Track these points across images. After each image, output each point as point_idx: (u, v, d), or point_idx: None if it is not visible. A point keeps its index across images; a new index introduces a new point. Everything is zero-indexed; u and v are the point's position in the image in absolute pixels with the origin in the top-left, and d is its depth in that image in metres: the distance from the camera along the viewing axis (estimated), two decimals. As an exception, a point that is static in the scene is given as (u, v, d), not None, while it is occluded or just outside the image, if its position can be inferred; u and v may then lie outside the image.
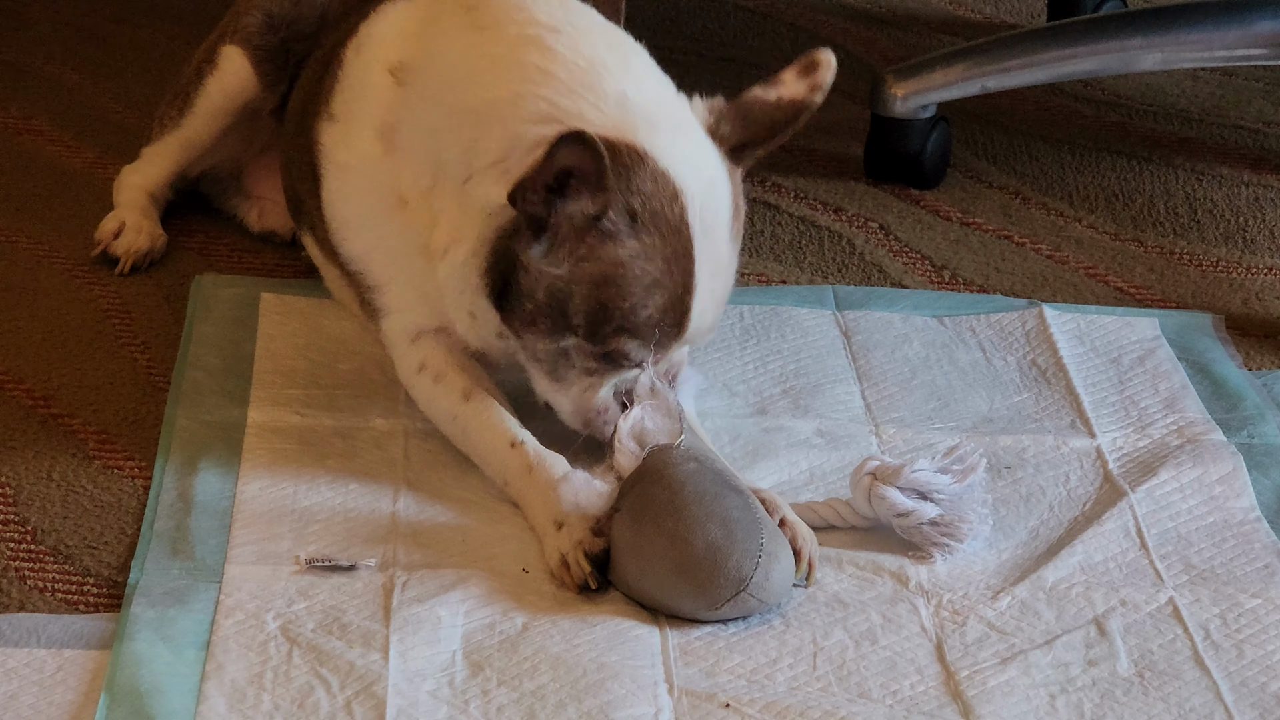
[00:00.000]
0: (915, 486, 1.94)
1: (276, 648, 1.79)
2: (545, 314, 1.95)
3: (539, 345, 1.98)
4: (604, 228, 1.91)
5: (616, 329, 1.94)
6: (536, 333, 1.97)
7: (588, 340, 1.95)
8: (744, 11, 3.31)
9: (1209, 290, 2.52)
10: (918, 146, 2.73)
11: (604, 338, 1.94)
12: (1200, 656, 1.84)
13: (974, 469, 1.97)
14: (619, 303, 1.92)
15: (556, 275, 1.93)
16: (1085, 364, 2.30)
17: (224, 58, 2.42)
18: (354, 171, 2.09)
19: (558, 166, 1.88)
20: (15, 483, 2.02)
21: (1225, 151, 2.88)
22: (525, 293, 1.95)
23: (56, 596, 1.87)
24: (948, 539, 1.94)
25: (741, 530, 1.83)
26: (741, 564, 1.82)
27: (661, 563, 1.84)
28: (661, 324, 1.95)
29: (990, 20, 3.34)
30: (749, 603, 1.83)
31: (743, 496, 1.87)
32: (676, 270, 1.94)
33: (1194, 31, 2.70)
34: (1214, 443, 2.15)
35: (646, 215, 1.93)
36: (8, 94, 2.86)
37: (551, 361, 1.98)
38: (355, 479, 2.03)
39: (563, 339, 1.96)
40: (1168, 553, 1.98)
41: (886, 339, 2.33)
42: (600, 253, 1.92)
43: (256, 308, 2.31)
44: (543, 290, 1.94)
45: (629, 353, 1.96)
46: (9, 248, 2.46)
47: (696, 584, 1.82)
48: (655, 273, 1.93)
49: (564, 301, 1.93)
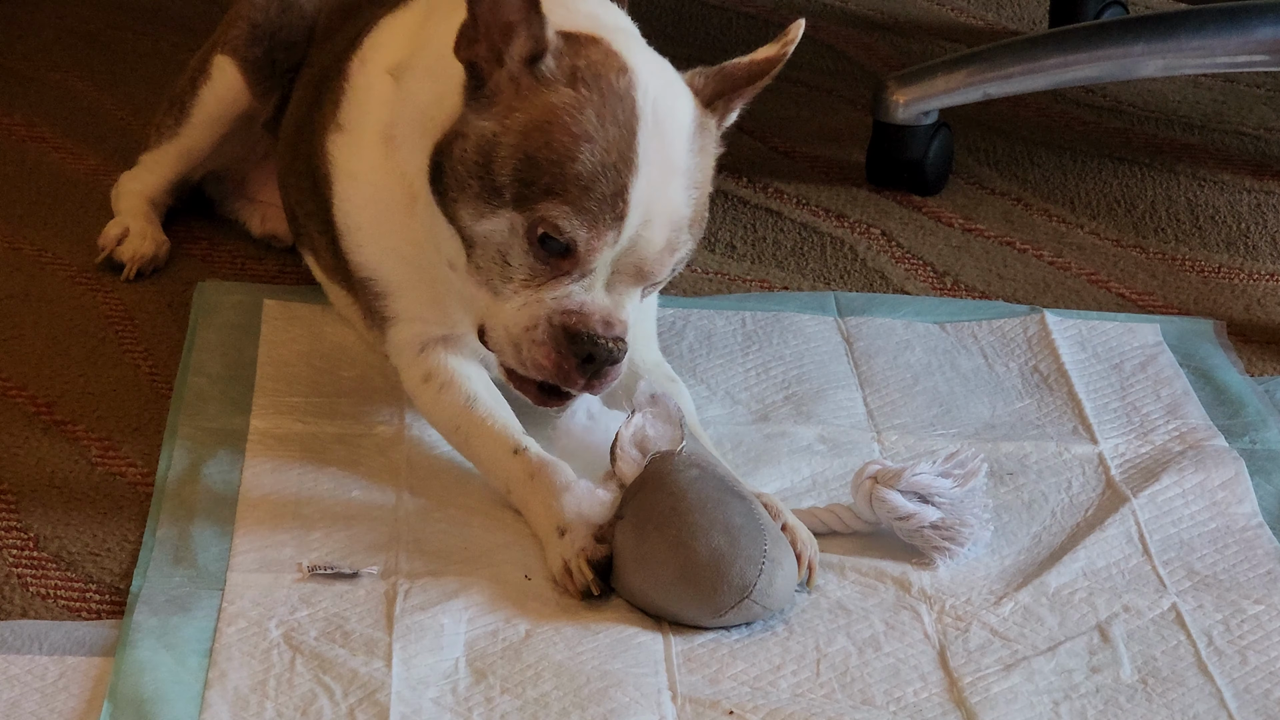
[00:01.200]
0: (916, 490, 1.94)
1: (279, 655, 1.79)
2: (475, 175, 1.89)
3: (474, 227, 1.90)
4: (539, 73, 1.88)
5: (545, 189, 1.86)
6: (468, 205, 1.90)
7: (515, 208, 1.87)
8: (745, 18, 3.31)
9: (1211, 296, 2.52)
10: (920, 153, 2.73)
11: (531, 201, 1.86)
12: (1203, 662, 1.84)
13: (975, 473, 1.97)
14: (545, 153, 1.86)
15: (486, 127, 1.89)
16: (1087, 370, 2.30)
17: (216, 67, 2.42)
18: (363, 179, 2.09)
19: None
20: (18, 489, 2.03)
21: (1227, 157, 2.89)
22: (457, 159, 1.90)
23: (59, 603, 1.87)
24: (949, 542, 1.94)
25: (745, 537, 1.83)
26: (745, 571, 1.82)
27: (665, 570, 1.84)
28: (593, 191, 1.86)
29: (992, 27, 3.34)
30: (753, 609, 1.83)
31: (746, 502, 1.87)
32: (614, 135, 1.87)
33: (1196, 38, 2.70)
34: (1216, 448, 2.15)
35: (588, 74, 1.89)
36: (11, 101, 2.86)
37: (488, 265, 1.90)
38: (357, 486, 2.03)
39: (494, 213, 1.89)
40: (1170, 559, 1.99)
41: (889, 345, 2.34)
42: (532, 99, 1.88)
43: (259, 314, 2.31)
44: (472, 148, 1.89)
45: (560, 225, 1.86)
46: (12, 254, 2.46)
47: (700, 591, 1.82)
48: (588, 127, 1.87)
49: (491, 155, 1.88)
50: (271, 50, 2.41)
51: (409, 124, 2.02)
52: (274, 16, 2.41)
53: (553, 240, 1.87)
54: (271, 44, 2.41)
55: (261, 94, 2.42)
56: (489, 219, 1.90)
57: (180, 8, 3.17)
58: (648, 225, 1.89)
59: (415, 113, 2.01)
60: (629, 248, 1.90)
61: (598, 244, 1.88)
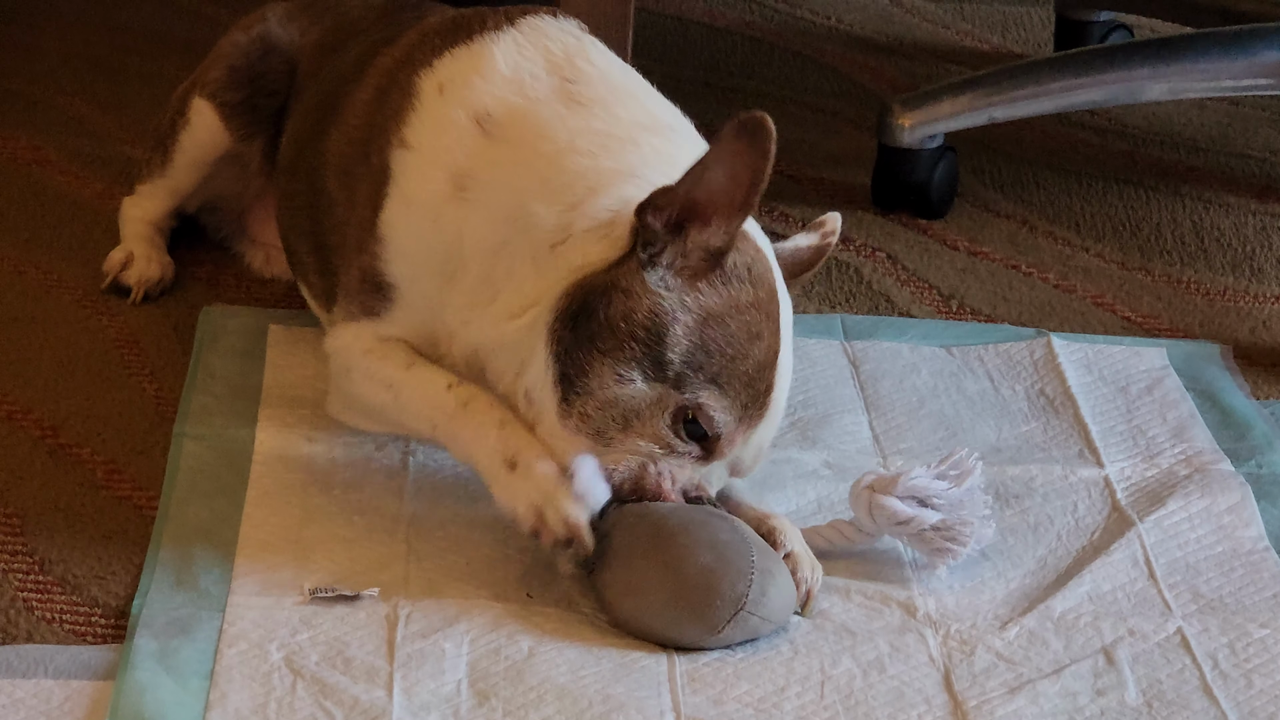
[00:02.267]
0: (913, 494, 1.94)
1: (280, 679, 1.79)
2: (639, 339, 1.86)
3: (610, 385, 1.87)
4: (727, 267, 1.88)
5: (710, 378, 1.87)
6: (617, 365, 1.87)
7: (675, 385, 1.86)
8: (751, 41, 3.31)
9: (1216, 319, 2.52)
10: (925, 176, 2.74)
11: (693, 386, 1.86)
12: (1209, 686, 1.84)
13: (970, 472, 1.96)
14: (722, 346, 1.87)
15: (665, 299, 1.87)
16: (1093, 393, 2.30)
17: (194, 111, 2.42)
18: (421, 206, 2.03)
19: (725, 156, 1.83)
20: (23, 513, 2.03)
21: (1232, 180, 2.89)
22: (619, 315, 1.86)
23: (64, 627, 1.87)
24: (951, 543, 1.94)
25: (731, 550, 1.83)
26: (735, 583, 1.82)
27: (657, 595, 1.84)
28: (750, 389, 1.88)
29: (997, 50, 3.34)
30: (750, 621, 1.83)
31: (727, 520, 1.87)
32: (770, 336, 1.90)
33: (1201, 62, 2.70)
34: (1222, 472, 2.15)
35: (756, 273, 1.91)
36: (17, 124, 2.86)
37: (602, 418, 1.88)
38: (360, 509, 2.03)
39: (646, 383, 1.87)
40: (1176, 582, 1.98)
41: (895, 368, 2.33)
42: (719, 290, 1.88)
43: (264, 339, 2.31)
44: (644, 312, 1.86)
45: (715, 418, 1.87)
46: (18, 278, 2.46)
47: (694, 609, 1.82)
48: (758, 328, 1.88)
49: (664, 327, 1.86)
50: (252, 95, 2.39)
51: (500, 203, 1.98)
52: (254, 60, 2.39)
53: (697, 426, 1.87)
54: (252, 89, 2.39)
55: (243, 137, 2.40)
56: (636, 385, 1.87)
57: (185, 32, 3.18)
58: (767, 427, 1.92)
59: (518, 212, 1.96)
60: (745, 448, 1.91)
61: (738, 439, 1.90)
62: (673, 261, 1.87)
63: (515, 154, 1.98)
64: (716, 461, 1.91)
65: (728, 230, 1.87)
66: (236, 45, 2.41)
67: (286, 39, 2.40)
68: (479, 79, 2.03)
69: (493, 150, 2.00)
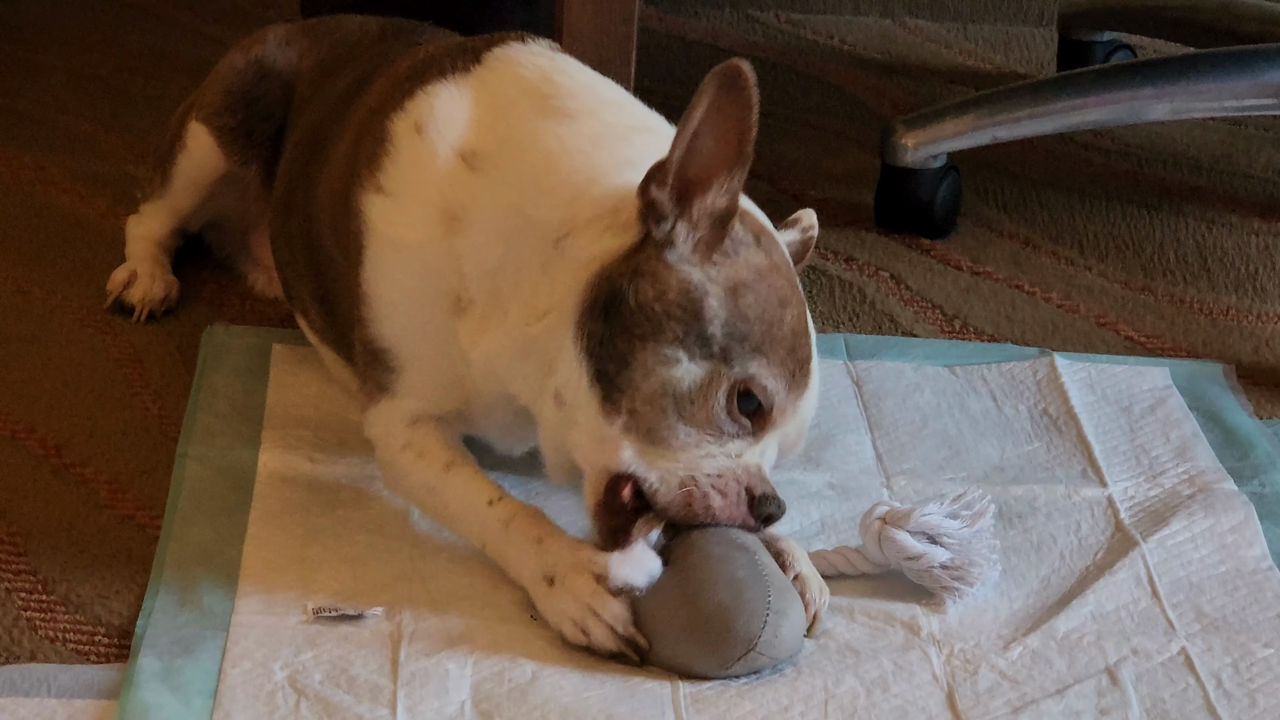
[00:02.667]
0: (925, 530, 1.94)
1: (284, 698, 1.79)
2: (677, 319, 1.83)
3: (657, 369, 1.82)
4: (736, 235, 1.86)
5: (754, 348, 1.83)
6: (661, 348, 1.82)
7: (723, 359, 1.83)
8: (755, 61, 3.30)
9: (1220, 338, 2.52)
10: (928, 195, 2.74)
11: (742, 358, 1.83)
12: (1212, 705, 1.84)
13: (983, 514, 1.97)
14: (759, 312, 1.84)
15: (690, 274, 1.83)
16: (1096, 413, 2.30)
17: (191, 135, 2.42)
18: (409, 250, 2.00)
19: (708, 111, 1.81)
20: (26, 532, 2.03)
21: (1235, 200, 2.89)
22: (651, 299, 1.83)
23: (68, 646, 1.87)
24: (958, 582, 1.94)
25: (749, 590, 1.83)
26: (750, 624, 1.81)
27: (671, 627, 1.83)
28: (793, 355, 1.85)
29: (1000, 70, 3.35)
30: (759, 660, 1.83)
31: (748, 554, 1.86)
32: (798, 304, 1.88)
33: (1204, 81, 2.70)
34: (1225, 491, 2.15)
35: (766, 240, 1.89)
36: (21, 144, 2.87)
37: (650, 410, 1.83)
38: (364, 528, 2.03)
39: (693, 362, 1.83)
40: (1179, 601, 1.98)
41: (898, 388, 2.33)
42: (736, 259, 1.86)
43: (268, 358, 2.32)
44: (675, 292, 1.83)
45: (766, 385, 1.83)
46: (21, 297, 2.46)
47: (706, 645, 1.82)
48: (785, 294, 1.86)
49: (699, 302, 1.83)
50: (249, 119, 2.39)
51: (494, 222, 1.95)
52: (250, 84, 2.39)
53: (751, 399, 1.84)
54: (248, 113, 2.39)
55: (239, 161, 2.40)
56: (686, 364, 1.83)
57: (188, 52, 3.19)
58: (809, 399, 1.90)
59: (515, 221, 1.93)
60: (792, 419, 1.89)
61: (790, 408, 1.87)
62: (686, 236, 1.85)
63: (506, 174, 1.96)
64: (768, 439, 1.87)
65: (729, 189, 1.84)
66: (233, 68, 2.41)
67: (284, 62, 2.40)
68: (458, 115, 2.01)
69: (482, 180, 1.98)
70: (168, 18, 3.37)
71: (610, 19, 2.46)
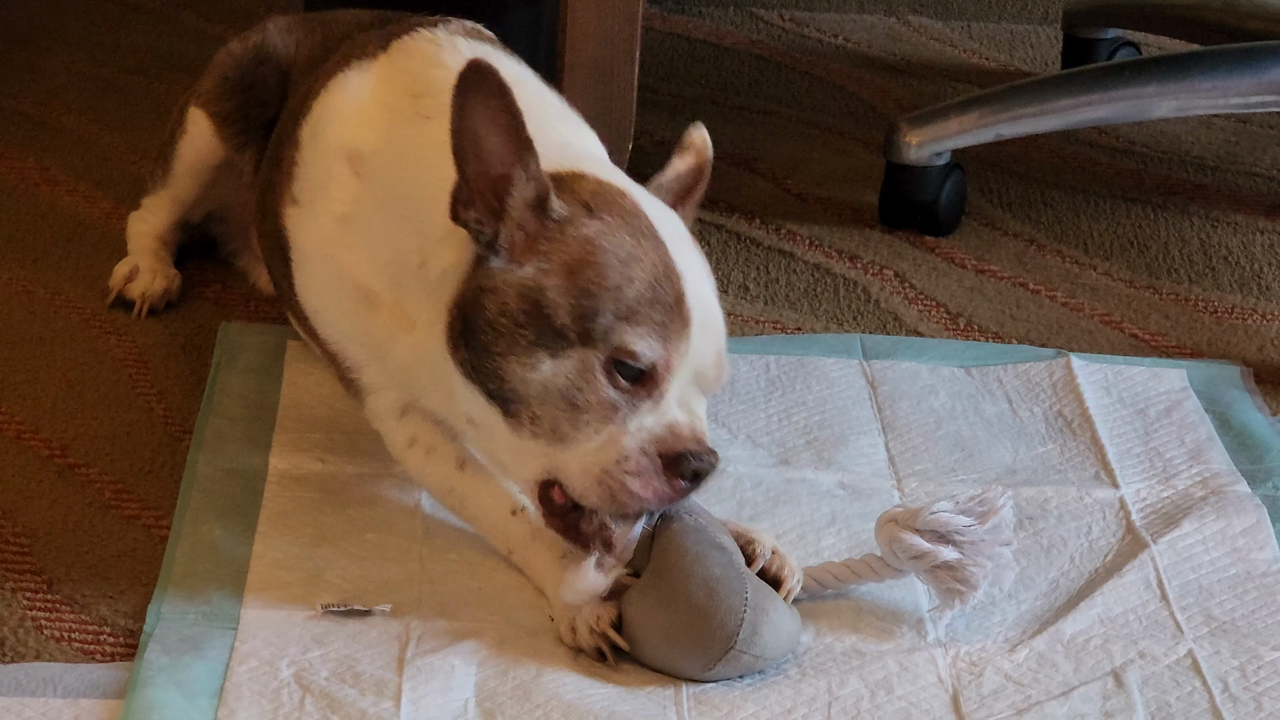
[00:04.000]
0: (934, 528, 1.92)
1: (289, 695, 1.79)
2: (525, 324, 1.82)
3: (530, 377, 1.83)
4: (556, 214, 1.84)
5: (611, 319, 1.81)
6: (521, 357, 1.83)
7: (583, 343, 1.81)
8: (758, 60, 3.31)
9: (1224, 337, 2.51)
10: (932, 194, 2.74)
11: (602, 333, 1.81)
12: (1218, 709, 1.84)
13: (996, 511, 1.93)
14: (599, 284, 1.81)
15: (524, 275, 1.83)
16: (1111, 415, 2.29)
17: (190, 120, 2.43)
18: (319, 260, 2.04)
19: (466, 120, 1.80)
20: (32, 532, 2.03)
21: (1240, 198, 2.89)
22: (496, 313, 1.84)
23: (73, 646, 1.87)
24: (960, 584, 1.90)
25: (724, 588, 1.82)
26: (726, 622, 1.81)
27: (652, 630, 1.84)
28: (657, 307, 1.82)
29: (1004, 68, 3.35)
30: (742, 659, 1.82)
31: (725, 553, 1.86)
32: (649, 247, 1.84)
33: (1208, 79, 2.70)
34: (1238, 494, 2.14)
35: (598, 203, 1.86)
36: (25, 145, 2.87)
37: (550, 413, 1.83)
38: (374, 527, 2.03)
39: (556, 357, 1.82)
40: (1188, 604, 1.98)
41: (913, 389, 2.33)
42: (560, 238, 1.84)
43: (282, 356, 2.32)
44: (514, 298, 1.83)
45: (636, 350, 1.81)
46: (26, 297, 2.46)
47: (685, 648, 1.82)
48: (629, 249, 1.83)
49: (539, 300, 1.82)
50: (244, 105, 2.39)
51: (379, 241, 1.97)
52: (247, 70, 2.39)
53: (629, 366, 1.82)
54: (244, 99, 2.39)
55: (236, 147, 2.41)
56: (551, 363, 1.82)
57: (191, 52, 3.18)
58: (704, 329, 1.86)
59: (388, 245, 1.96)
60: (695, 360, 1.86)
61: (674, 358, 1.83)
62: (511, 237, 1.84)
63: (380, 183, 1.98)
64: (671, 392, 1.84)
65: (528, 174, 1.82)
66: (231, 55, 2.42)
67: (283, 50, 2.40)
68: (347, 113, 2.03)
69: (364, 190, 1.99)
70: (171, 18, 3.37)
71: (614, 18, 2.46)
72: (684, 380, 1.85)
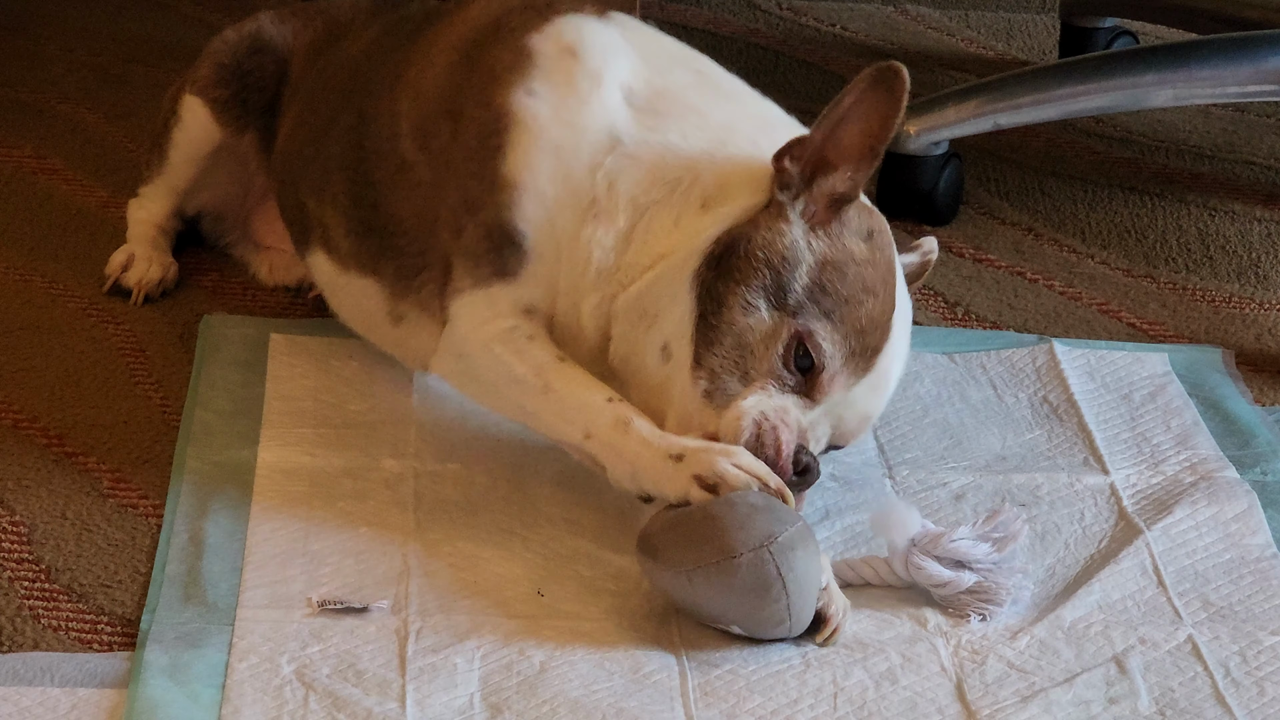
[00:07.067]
0: (954, 556, 1.92)
1: (292, 692, 1.78)
2: (772, 267, 1.93)
3: (735, 314, 1.92)
4: (846, 219, 1.96)
5: (824, 312, 1.93)
6: (747, 292, 1.92)
7: (791, 313, 1.92)
8: (756, 49, 3.31)
9: (1221, 326, 2.52)
10: (930, 183, 2.74)
11: (807, 315, 1.92)
12: (1221, 694, 1.84)
13: (1015, 537, 1.95)
14: (837, 288, 1.93)
15: (799, 236, 1.94)
16: (1096, 400, 2.30)
17: (185, 108, 2.44)
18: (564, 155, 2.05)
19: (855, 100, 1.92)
20: (29, 521, 2.02)
21: (1237, 187, 2.89)
22: (759, 246, 1.93)
23: (70, 635, 1.87)
24: (987, 604, 1.92)
25: (780, 508, 1.85)
26: (772, 524, 1.82)
27: (691, 523, 1.84)
28: (861, 337, 1.94)
29: (1002, 57, 3.34)
30: (768, 568, 1.81)
31: None
32: (886, 299, 1.96)
33: (1206, 68, 2.70)
34: (1228, 480, 2.15)
35: (879, 240, 1.98)
36: (23, 133, 2.86)
37: (723, 357, 1.92)
38: (366, 520, 2.02)
39: (768, 310, 1.92)
40: (1185, 590, 1.98)
41: (898, 376, 2.33)
42: (838, 239, 1.95)
43: (265, 349, 2.31)
44: (783, 244, 1.94)
45: (822, 345, 1.91)
46: (23, 286, 2.46)
47: (721, 531, 1.82)
48: (873, 285, 1.95)
49: (796, 260, 1.93)
50: (242, 90, 2.42)
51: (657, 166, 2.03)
52: (243, 57, 2.42)
53: (806, 356, 1.92)
54: (241, 84, 2.42)
55: (235, 130, 2.43)
56: (761, 313, 1.93)
57: (191, 41, 3.18)
58: (872, 390, 1.95)
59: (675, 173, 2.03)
60: (847, 403, 1.94)
61: (841, 379, 1.93)
62: (805, 207, 1.95)
63: (675, 125, 2.06)
64: (820, 408, 1.93)
65: (854, 177, 1.95)
66: (226, 42, 2.44)
67: (279, 38, 2.43)
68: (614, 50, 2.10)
69: (644, 120, 2.06)
70: (169, 6, 3.37)
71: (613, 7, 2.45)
72: (827, 415, 1.95)
